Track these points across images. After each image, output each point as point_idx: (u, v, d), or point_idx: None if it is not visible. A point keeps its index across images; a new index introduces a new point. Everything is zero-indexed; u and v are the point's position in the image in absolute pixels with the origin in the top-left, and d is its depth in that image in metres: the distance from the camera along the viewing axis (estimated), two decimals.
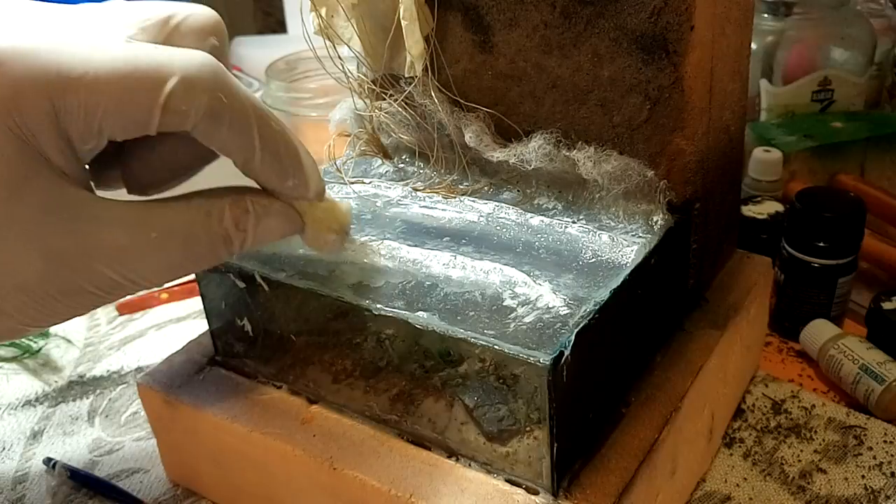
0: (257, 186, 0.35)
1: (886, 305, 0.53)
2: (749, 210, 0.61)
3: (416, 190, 0.45)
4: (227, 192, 0.35)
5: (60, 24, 0.34)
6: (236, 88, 0.32)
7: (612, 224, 0.41)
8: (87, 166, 0.33)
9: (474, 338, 0.34)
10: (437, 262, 0.39)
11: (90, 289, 0.32)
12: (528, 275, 0.37)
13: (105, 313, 0.65)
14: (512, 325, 0.34)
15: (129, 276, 0.32)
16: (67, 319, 0.33)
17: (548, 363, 0.32)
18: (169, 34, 0.35)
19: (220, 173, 0.36)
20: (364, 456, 0.38)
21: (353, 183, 0.46)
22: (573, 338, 0.33)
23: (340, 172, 0.47)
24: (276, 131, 0.34)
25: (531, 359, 0.32)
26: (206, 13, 0.37)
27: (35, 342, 0.60)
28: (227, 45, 0.38)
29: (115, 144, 0.33)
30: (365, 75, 0.46)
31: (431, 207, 0.44)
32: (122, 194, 0.36)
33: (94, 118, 0.30)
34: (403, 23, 0.41)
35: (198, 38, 0.36)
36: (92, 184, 0.33)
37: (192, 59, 0.31)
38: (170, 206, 0.33)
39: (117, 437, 0.52)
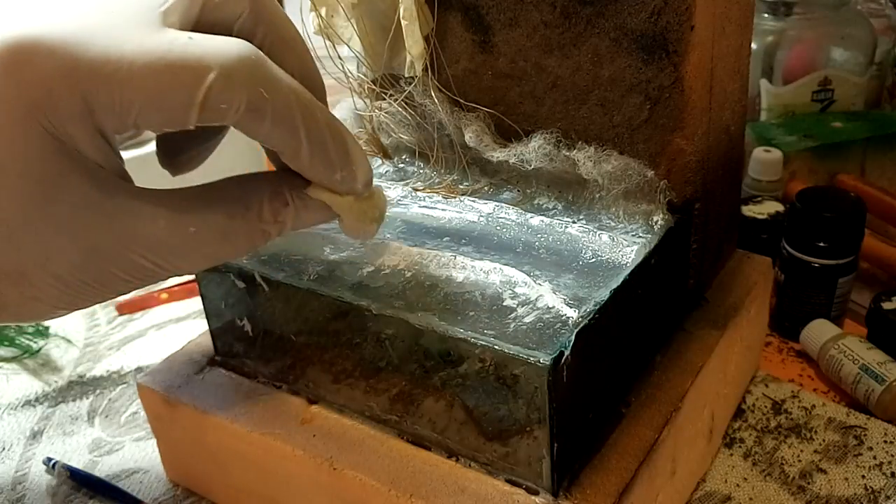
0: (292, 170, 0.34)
1: (886, 305, 0.53)
2: (749, 210, 0.61)
3: (416, 190, 0.45)
4: (265, 181, 0.34)
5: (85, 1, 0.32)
6: (278, 80, 0.31)
7: (612, 224, 0.41)
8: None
9: (474, 338, 0.34)
10: (437, 262, 0.39)
11: (125, 277, 0.31)
12: (528, 275, 0.37)
13: (105, 313, 0.65)
14: (512, 325, 0.34)
15: (165, 266, 0.32)
16: (98, 303, 0.33)
17: (548, 363, 0.32)
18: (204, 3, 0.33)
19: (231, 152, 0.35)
20: (364, 456, 0.38)
21: None
22: (573, 338, 0.33)
23: None
24: (322, 124, 0.32)
25: (531, 359, 0.32)
26: None
27: (35, 342, 0.60)
28: None
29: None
30: (365, 75, 0.46)
31: (431, 207, 0.44)
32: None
33: (128, 115, 0.29)
34: (403, 23, 0.41)
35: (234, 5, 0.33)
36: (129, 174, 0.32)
37: (228, 52, 0.29)
38: (206, 196, 0.32)
39: (117, 437, 0.52)
